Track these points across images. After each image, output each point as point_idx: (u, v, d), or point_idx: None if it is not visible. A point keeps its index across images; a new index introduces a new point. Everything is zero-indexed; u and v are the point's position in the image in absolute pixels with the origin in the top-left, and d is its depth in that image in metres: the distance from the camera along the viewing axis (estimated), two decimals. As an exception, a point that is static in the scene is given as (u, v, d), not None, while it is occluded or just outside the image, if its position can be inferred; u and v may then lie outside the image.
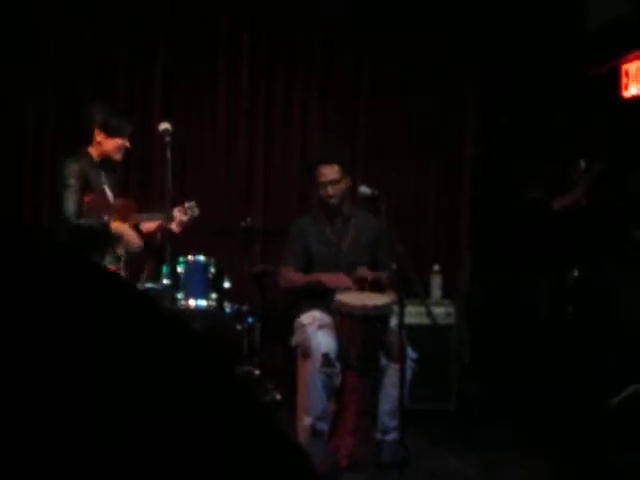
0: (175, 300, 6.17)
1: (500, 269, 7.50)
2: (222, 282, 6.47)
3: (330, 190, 5.70)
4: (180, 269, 6.31)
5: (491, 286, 7.65)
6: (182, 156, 7.18)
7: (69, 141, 5.68)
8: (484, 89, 7.87)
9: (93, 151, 5.36)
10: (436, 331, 6.53)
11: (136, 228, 5.51)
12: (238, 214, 6.99)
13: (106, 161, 5.40)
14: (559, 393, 6.36)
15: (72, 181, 5.13)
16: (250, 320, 6.69)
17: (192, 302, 6.28)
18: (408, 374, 5.21)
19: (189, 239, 6.40)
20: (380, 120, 7.82)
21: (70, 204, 5.09)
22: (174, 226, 5.51)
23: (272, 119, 7.78)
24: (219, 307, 6.42)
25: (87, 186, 5.23)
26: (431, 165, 7.94)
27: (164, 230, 5.54)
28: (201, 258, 6.44)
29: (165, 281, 5.88)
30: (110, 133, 5.31)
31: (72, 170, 5.17)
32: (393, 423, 5.23)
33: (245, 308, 6.67)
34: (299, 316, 5.68)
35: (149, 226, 5.60)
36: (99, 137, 5.32)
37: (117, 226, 5.26)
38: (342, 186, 5.72)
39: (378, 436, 5.33)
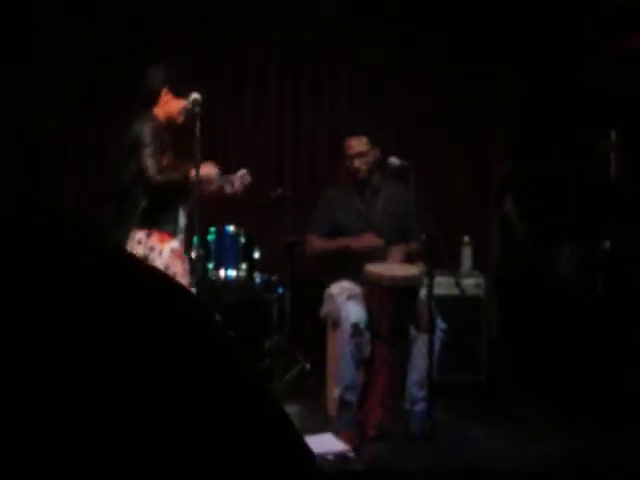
0: (206, 270, 6.19)
1: (531, 239, 7.47)
2: (252, 252, 6.49)
3: (357, 162, 5.69)
4: (211, 239, 6.34)
5: (522, 256, 7.61)
6: (212, 127, 7.18)
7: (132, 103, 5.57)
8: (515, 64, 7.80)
9: (159, 112, 5.18)
10: (465, 302, 6.51)
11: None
12: (268, 184, 6.99)
13: (171, 124, 5.27)
14: (588, 368, 6.34)
15: (148, 139, 4.93)
16: (280, 290, 6.70)
17: (222, 272, 6.30)
18: (437, 345, 5.21)
19: (219, 209, 6.41)
20: (409, 95, 7.79)
21: (150, 162, 4.92)
22: (228, 190, 5.41)
23: (300, 89, 7.77)
24: (249, 277, 6.44)
25: (163, 147, 5.06)
26: (461, 137, 7.89)
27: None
28: (231, 228, 6.45)
29: (195, 252, 5.90)
30: (177, 93, 5.17)
31: (146, 129, 4.99)
32: (421, 394, 5.24)
33: (275, 278, 6.68)
34: (329, 286, 5.70)
35: (209, 189, 5.48)
36: (166, 97, 5.17)
37: (193, 172, 5.00)
38: (370, 158, 5.70)
39: (406, 407, 5.34)
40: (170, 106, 5.19)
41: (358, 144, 5.69)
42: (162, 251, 5.01)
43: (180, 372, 0.81)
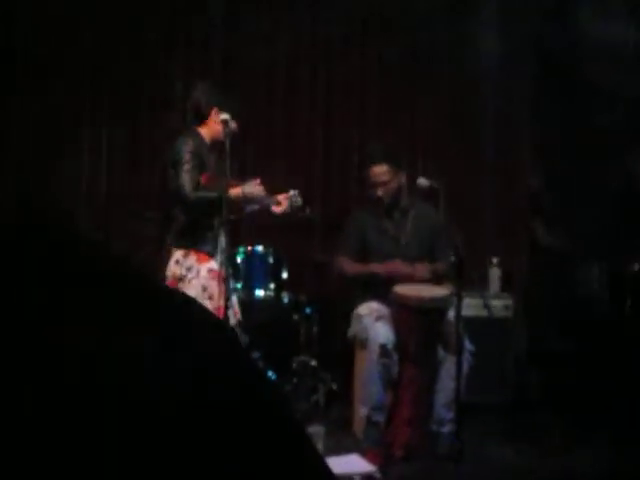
0: (234, 290, 6.21)
1: (561, 261, 7.45)
2: (280, 272, 6.50)
3: (380, 192, 5.71)
4: (239, 259, 6.36)
5: (550, 278, 7.59)
6: (242, 147, 7.22)
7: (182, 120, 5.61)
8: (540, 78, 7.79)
9: (205, 132, 5.23)
10: (493, 323, 6.50)
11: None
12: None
13: (216, 142, 5.26)
14: (616, 387, 6.30)
15: (188, 157, 4.97)
16: (308, 310, 6.71)
17: (251, 292, 6.32)
18: (465, 366, 5.20)
19: (248, 229, 6.45)
20: (437, 117, 7.80)
21: (186, 179, 4.94)
22: (277, 209, 5.41)
23: (331, 111, 7.80)
24: (277, 297, 6.45)
25: (202, 166, 5.08)
26: (490, 158, 7.88)
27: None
28: (260, 248, 6.47)
29: (225, 270, 5.92)
30: (226, 111, 5.11)
31: (186, 147, 5.02)
32: (449, 415, 5.23)
33: (303, 298, 6.69)
34: (357, 307, 5.71)
35: (252, 208, 5.49)
36: (216, 117, 5.16)
37: (235, 190, 5.08)
38: (393, 185, 5.71)
39: (434, 428, 5.33)
40: (215, 126, 5.18)
41: (379, 172, 5.71)
42: (199, 271, 5.01)
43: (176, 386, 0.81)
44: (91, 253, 0.87)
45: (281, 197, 5.38)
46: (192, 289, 4.93)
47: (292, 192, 5.42)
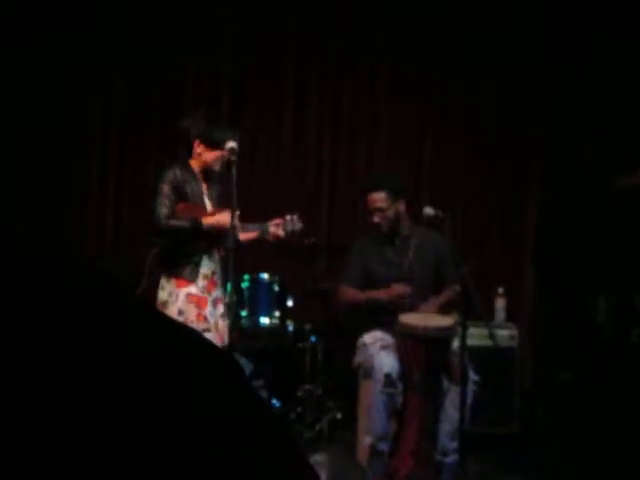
0: (238, 317, 6.21)
1: (565, 291, 7.44)
2: (285, 300, 6.50)
3: (376, 218, 5.72)
4: (244, 286, 6.36)
5: (556, 308, 7.58)
6: (248, 174, 7.25)
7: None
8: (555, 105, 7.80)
9: (194, 163, 5.33)
10: (499, 354, 6.48)
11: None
12: (302, 232, 7.02)
13: (209, 172, 5.37)
14: (623, 418, 6.27)
15: (165, 187, 5.10)
16: (312, 339, 6.70)
17: (255, 319, 6.32)
18: (469, 396, 5.19)
19: (253, 257, 6.45)
20: (444, 145, 7.83)
21: (160, 208, 5.07)
22: (270, 238, 5.46)
23: (337, 140, 7.82)
24: (282, 325, 6.45)
25: (183, 196, 5.18)
26: (496, 188, 7.89)
27: (260, 241, 5.51)
28: (265, 276, 6.47)
29: (229, 298, 5.92)
30: (210, 145, 5.27)
31: (167, 177, 5.14)
32: (453, 445, 5.21)
33: (308, 327, 6.68)
34: (362, 336, 5.69)
35: (246, 237, 5.55)
36: (199, 149, 5.29)
37: (208, 219, 5.16)
38: (389, 213, 5.72)
39: (438, 458, 5.30)
40: (205, 157, 5.28)
41: (377, 199, 5.72)
42: (178, 295, 5.09)
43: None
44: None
45: (273, 223, 5.40)
46: (170, 313, 4.99)
47: (288, 217, 5.44)
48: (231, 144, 5.17)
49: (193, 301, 5.10)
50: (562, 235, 7.59)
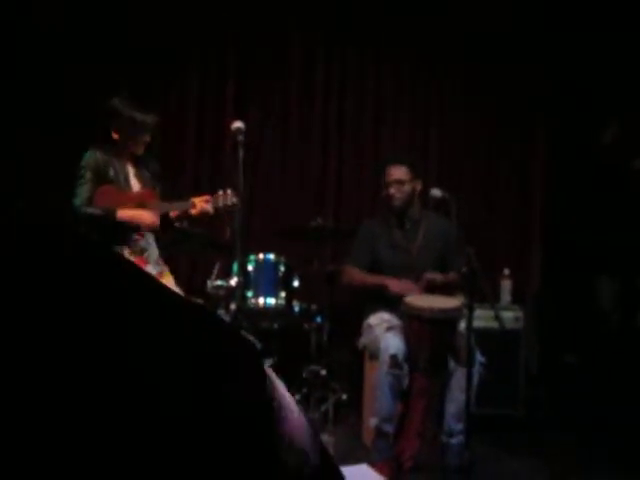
0: (244, 298, 6.21)
1: (571, 273, 7.44)
2: (291, 281, 6.49)
3: (393, 190, 5.71)
4: (250, 267, 6.36)
5: (561, 290, 7.58)
6: (254, 155, 7.23)
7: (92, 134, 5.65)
8: (555, 90, 7.78)
9: (117, 143, 5.30)
10: (504, 336, 6.48)
11: (165, 217, 5.46)
12: (308, 214, 7.01)
13: (134, 157, 5.36)
14: (626, 401, 6.28)
15: (85, 172, 5.12)
16: (318, 319, 6.70)
17: (261, 300, 6.31)
18: (475, 378, 5.18)
19: (259, 238, 6.45)
20: (452, 130, 7.82)
21: (80, 194, 5.08)
22: (196, 213, 5.42)
23: (344, 120, 7.81)
24: (288, 306, 6.45)
25: (105, 179, 5.18)
26: (502, 169, 7.89)
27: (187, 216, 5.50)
28: (271, 257, 6.47)
29: (235, 279, 5.92)
30: (129, 132, 5.26)
31: (87, 162, 5.15)
32: (459, 427, 5.21)
33: (314, 307, 6.68)
34: (367, 317, 5.70)
35: (174, 213, 5.55)
36: (115, 136, 5.28)
37: (123, 212, 5.16)
38: (407, 188, 5.72)
39: (444, 439, 5.30)
40: (123, 140, 5.25)
41: (397, 172, 5.72)
42: None
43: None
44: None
45: (202, 199, 5.37)
46: None
47: (220, 192, 5.42)
48: (237, 124, 5.16)
49: None
50: (569, 218, 7.58)
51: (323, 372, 6.55)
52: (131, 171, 5.35)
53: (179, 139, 7.61)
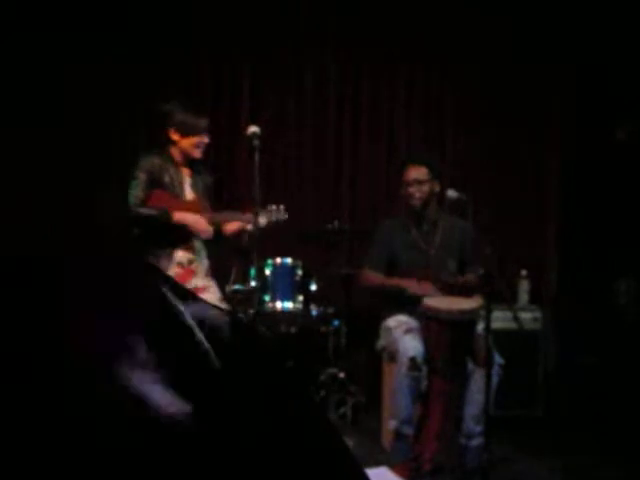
0: (262, 302, 6.22)
1: (589, 273, 7.42)
2: (309, 285, 6.50)
3: (412, 189, 5.71)
4: (267, 271, 6.36)
5: (579, 290, 7.56)
6: (270, 159, 7.24)
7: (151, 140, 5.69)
8: (576, 95, 7.78)
9: (173, 150, 5.35)
10: (523, 336, 6.47)
11: (217, 229, 5.51)
12: (325, 217, 7.02)
13: (190, 160, 5.40)
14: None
15: (139, 174, 5.15)
16: (336, 323, 6.70)
17: (279, 304, 6.32)
18: (494, 379, 5.17)
19: (276, 242, 6.45)
20: (467, 131, 7.82)
21: (133, 195, 5.12)
22: (250, 227, 5.46)
23: (359, 124, 7.81)
24: (305, 310, 6.45)
25: (159, 184, 5.23)
26: (518, 168, 7.88)
27: (246, 231, 5.54)
28: (288, 261, 6.47)
29: (252, 283, 5.94)
30: (185, 132, 5.30)
31: (142, 165, 5.20)
32: (478, 428, 5.20)
33: (331, 311, 6.68)
34: (385, 319, 5.70)
35: (231, 227, 5.59)
36: (175, 137, 5.31)
37: (180, 215, 5.21)
38: (426, 188, 5.71)
39: (462, 441, 5.29)
40: (181, 144, 5.29)
41: (416, 172, 5.72)
42: None
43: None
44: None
45: (250, 214, 5.40)
46: None
47: (273, 206, 5.47)
48: (253, 129, 5.18)
49: None
50: (585, 217, 7.56)
51: (341, 375, 6.56)
52: (187, 180, 5.39)
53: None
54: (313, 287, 6.52)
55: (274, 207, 5.51)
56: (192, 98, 7.41)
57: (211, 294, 5.38)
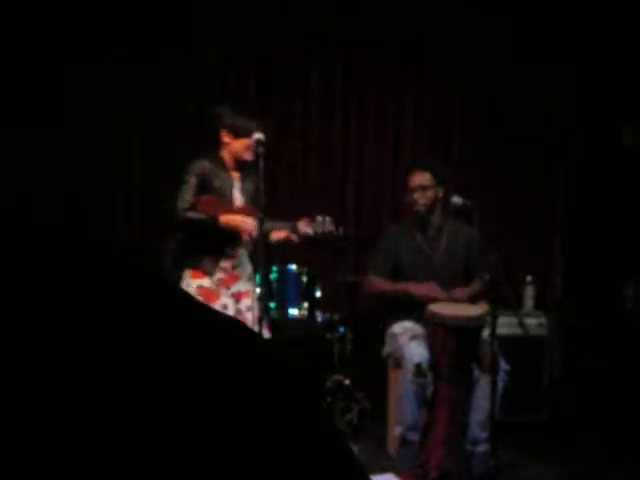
0: (267, 309, 6.22)
1: (594, 278, 7.42)
2: (314, 291, 6.49)
3: (416, 195, 5.69)
4: (273, 278, 6.36)
5: (585, 295, 7.55)
6: (274, 165, 7.24)
7: (201, 143, 5.71)
8: (578, 96, 7.78)
9: (224, 154, 5.34)
10: (528, 342, 6.46)
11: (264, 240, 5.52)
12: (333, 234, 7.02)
13: (241, 163, 5.37)
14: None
15: (189, 178, 5.14)
16: (341, 329, 6.69)
17: (284, 311, 6.32)
18: (500, 386, 5.18)
19: (281, 248, 6.45)
20: (472, 135, 7.82)
21: (181, 199, 5.11)
22: (294, 237, 5.48)
23: (365, 131, 7.81)
24: (311, 316, 6.44)
25: (208, 187, 5.22)
26: (524, 176, 7.87)
27: (291, 241, 5.53)
28: (293, 267, 6.47)
29: (258, 290, 5.93)
30: (237, 134, 5.28)
31: (193, 168, 5.18)
32: (484, 434, 5.20)
33: (336, 317, 6.67)
34: (391, 326, 5.69)
35: (277, 235, 5.57)
36: (226, 139, 5.29)
37: (227, 217, 5.18)
38: (430, 194, 5.70)
39: (468, 447, 5.29)
40: (233, 146, 5.28)
41: (421, 178, 5.71)
42: (190, 287, 5.11)
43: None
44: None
45: (301, 223, 5.41)
46: None
47: (320, 217, 5.46)
48: (257, 135, 5.18)
49: (202, 294, 5.10)
50: (591, 222, 7.55)
51: (347, 382, 6.55)
52: (236, 185, 5.37)
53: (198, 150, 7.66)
54: (318, 294, 6.51)
55: (321, 218, 5.49)
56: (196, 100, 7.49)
57: (251, 300, 5.38)
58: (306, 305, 6.39)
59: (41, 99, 7.19)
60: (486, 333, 5.17)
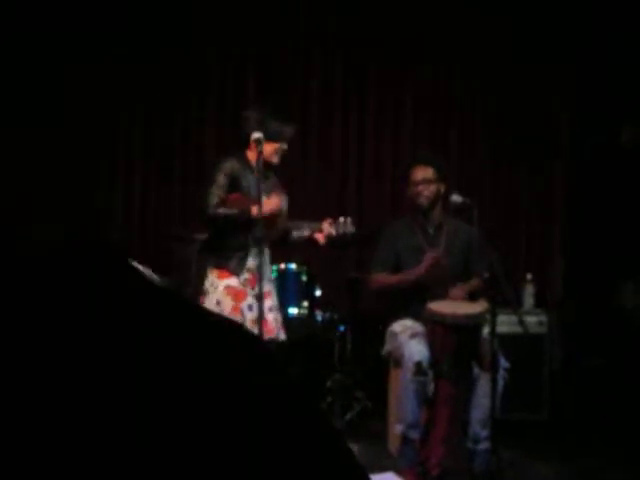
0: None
1: (594, 276, 7.42)
2: (314, 290, 6.50)
3: (420, 188, 5.67)
4: (273, 277, 6.37)
5: (584, 293, 7.55)
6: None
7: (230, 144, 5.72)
8: (578, 95, 7.78)
9: (251, 155, 5.30)
10: (528, 340, 6.47)
11: (285, 237, 5.54)
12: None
13: (266, 165, 5.30)
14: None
15: (218, 177, 5.12)
16: (341, 328, 6.70)
17: (284, 310, 6.33)
18: (500, 383, 5.17)
19: (281, 247, 6.45)
20: (471, 134, 7.82)
21: (211, 197, 5.08)
22: (320, 237, 5.48)
23: (365, 128, 7.82)
24: (310, 315, 6.45)
25: (237, 187, 5.20)
26: (523, 175, 7.87)
27: (313, 240, 5.53)
28: (293, 266, 6.48)
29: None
30: (268, 137, 5.22)
31: (222, 168, 5.16)
32: (484, 432, 5.20)
33: (336, 316, 6.68)
34: (391, 324, 5.68)
35: (299, 235, 5.56)
36: (256, 141, 5.22)
37: (258, 208, 5.07)
38: (433, 188, 5.68)
39: (469, 445, 5.29)
40: (262, 149, 5.25)
41: (424, 173, 5.69)
42: (217, 287, 5.11)
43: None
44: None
45: (325, 223, 5.41)
46: (209, 303, 5.04)
47: (342, 218, 5.46)
48: (257, 134, 5.17)
49: (230, 293, 5.11)
50: (591, 220, 7.55)
51: (347, 381, 6.56)
52: (263, 186, 5.33)
53: (198, 150, 7.66)
54: (318, 292, 6.52)
55: (342, 219, 5.49)
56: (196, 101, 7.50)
57: (272, 300, 5.39)
58: (306, 304, 6.40)
59: (41, 99, 7.21)
60: (486, 331, 5.16)
